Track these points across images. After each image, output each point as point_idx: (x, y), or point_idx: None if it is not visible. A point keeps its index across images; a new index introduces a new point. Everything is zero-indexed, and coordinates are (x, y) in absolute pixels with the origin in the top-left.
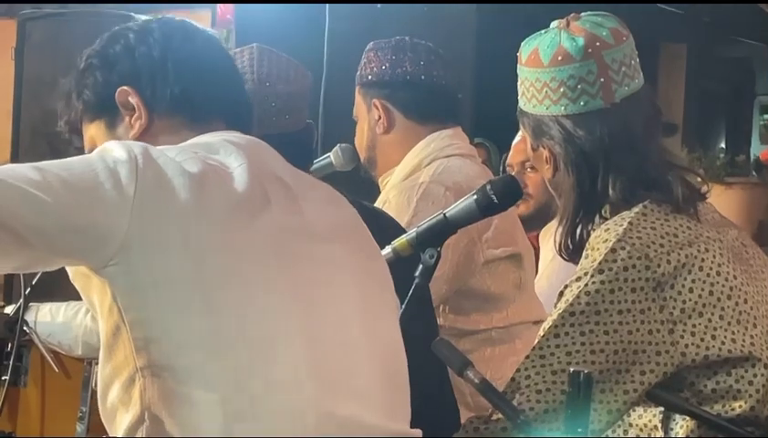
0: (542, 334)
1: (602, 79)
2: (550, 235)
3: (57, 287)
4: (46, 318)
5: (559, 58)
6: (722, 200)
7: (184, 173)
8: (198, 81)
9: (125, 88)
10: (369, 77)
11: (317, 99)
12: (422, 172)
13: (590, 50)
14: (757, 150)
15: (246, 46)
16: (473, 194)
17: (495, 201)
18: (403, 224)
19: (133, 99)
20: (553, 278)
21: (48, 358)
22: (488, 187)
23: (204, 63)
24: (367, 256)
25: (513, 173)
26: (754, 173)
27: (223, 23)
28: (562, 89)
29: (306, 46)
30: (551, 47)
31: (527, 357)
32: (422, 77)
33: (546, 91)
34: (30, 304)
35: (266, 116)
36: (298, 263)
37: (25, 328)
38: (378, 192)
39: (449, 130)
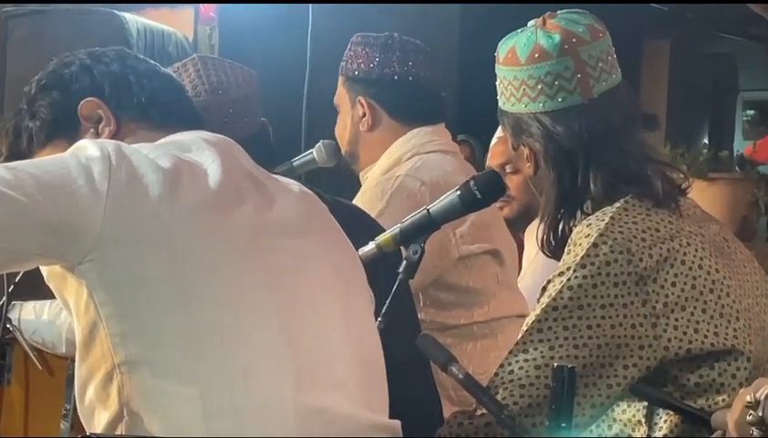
0: (525, 328)
1: (579, 75)
2: (533, 234)
3: (40, 285)
4: (30, 315)
5: (536, 56)
6: (706, 195)
7: (158, 169)
8: (160, 90)
9: (91, 99)
10: (356, 72)
11: (301, 95)
12: (401, 166)
13: (567, 46)
14: (740, 145)
15: (186, 59)
16: (457, 190)
17: (479, 196)
18: (374, 215)
19: (101, 109)
20: (537, 275)
21: (32, 355)
22: (471, 182)
23: (161, 75)
24: (340, 250)
25: None
26: (738, 169)
27: (205, 20)
28: (540, 86)
29: (290, 43)
30: (527, 45)
31: (511, 352)
32: (410, 78)
33: (524, 89)
34: (13, 302)
35: (225, 123)
36: (273, 257)
37: (8, 325)
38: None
39: (429, 127)
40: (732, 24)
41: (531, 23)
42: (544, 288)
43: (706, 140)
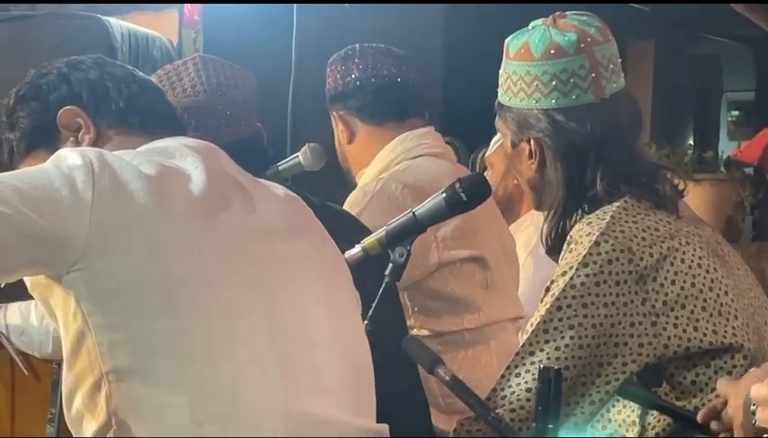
0: (531, 330)
1: (593, 74)
2: (519, 234)
3: (24, 288)
4: (16, 315)
5: (552, 52)
6: (691, 196)
7: (141, 176)
8: (138, 94)
9: (69, 107)
10: (329, 91)
11: (286, 98)
12: (387, 172)
13: (582, 45)
14: (725, 146)
15: (187, 58)
16: (443, 192)
17: (464, 198)
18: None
19: (79, 117)
20: (530, 277)
21: (17, 360)
22: (457, 185)
23: (139, 80)
24: (325, 254)
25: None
26: (723, 169)
27: (189, 23)
28: (554, 83)
29: (275, 46)
30: (542, 41)
31: (517, 354)
32: (372, 79)
33: (537, 84)
34: None
35: (223, 125)
36: (260, 262)
37: None
38: (349, 189)
39: (420, 131)
40: (717, 24)
41: (538, 22)
42: (548, 289)
43: (691, 141)
